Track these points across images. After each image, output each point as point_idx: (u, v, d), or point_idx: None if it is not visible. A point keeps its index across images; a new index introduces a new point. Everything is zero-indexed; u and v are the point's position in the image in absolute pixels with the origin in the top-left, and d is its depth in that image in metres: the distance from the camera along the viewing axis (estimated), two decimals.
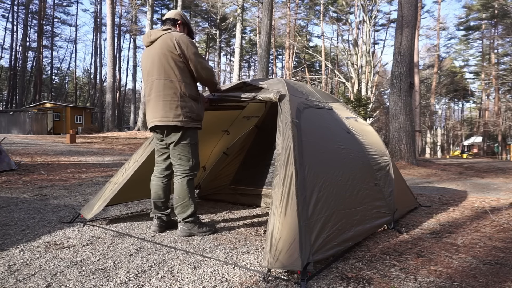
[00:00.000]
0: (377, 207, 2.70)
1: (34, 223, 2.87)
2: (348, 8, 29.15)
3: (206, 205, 3.79)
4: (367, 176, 2.76)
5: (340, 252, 2.15)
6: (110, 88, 24.43)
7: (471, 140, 39.97)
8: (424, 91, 38.84)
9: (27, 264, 1.96)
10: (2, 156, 6.12)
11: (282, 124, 2.28)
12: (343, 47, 29.19)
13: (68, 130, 22.95)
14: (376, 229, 2.70)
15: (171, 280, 1.78)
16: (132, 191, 3.18)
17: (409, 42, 9.73)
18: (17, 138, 15.91)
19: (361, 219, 2.42)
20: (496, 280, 1.85)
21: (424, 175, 8.10)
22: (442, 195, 4.89)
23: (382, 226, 2.80)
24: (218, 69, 43.00)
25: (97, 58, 42.08)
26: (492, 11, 33.01)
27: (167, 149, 2.66)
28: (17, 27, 37.81)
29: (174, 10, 2.77)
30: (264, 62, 13.47)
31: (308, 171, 2.14)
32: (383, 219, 2.75)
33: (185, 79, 2.52)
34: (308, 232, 1.88)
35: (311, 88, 3.18)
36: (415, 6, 9.92)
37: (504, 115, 32.75)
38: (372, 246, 2.41)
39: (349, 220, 2.29)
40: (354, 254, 2.23)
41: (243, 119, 4.06)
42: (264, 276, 1.82)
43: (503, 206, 4.01)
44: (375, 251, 2.29)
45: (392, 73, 10.09)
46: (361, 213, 2.46)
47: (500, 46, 34.33)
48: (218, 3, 25.61)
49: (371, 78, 23.25)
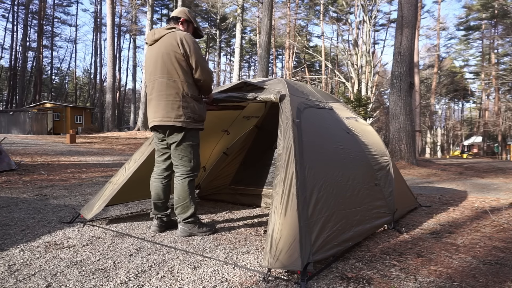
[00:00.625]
0: (377, 207, 2.70)
1: (34, 223, 2.87)
2: (348, 8, 29.16)
3: (206, 205, 3.79)
4: (367, 176, 2.75)
5: (340, 252, 2.15)
6: (110, 88, 24.43)
7: (471, 140, 39.98)
8: (424, 91, 38.84)
9: (27, 264, 1.96)
10: (2, 156, 6.12)
11: (283, 124, 2.28)
12: (343, 47, 29.19)
13: (68, 130, 22.95)
14: (376, 229, 2.70)
15: (171, 280, 1.78)
16: (132, 191, 3.18)
17: (409, 42, 9.73)
18: (17, 138, 15.91)
19: (361, 219, 2.42)
20: (496, 280, 1.85)
21: (424, 175, 8.10)
22: (442, 195, 4.89)
23: (382, 226, 2.80)
24: (218, 69, 43.02)
25: (97, 58, 42.13)
26: (492, 11, 33.01)
27: (167, 149, 2.65)
28: (17, 27, 37.85)
29: (179, 8, 2.74)
30: (264, 62, 13.47)
31: (309, 171, 2.14)
32: (383, 219, 2.75)
33: (188, 79, 2.50)
34: (308, 232, 1.88)
35: (311, 88, 3.18)
36: (415, 6, 9.92)
37: (504, 115, 32.73)
38: (372, 246, 2.41)
39: (349, 220, 2.29)
40: (354, 254, 2.23)
41: (243, 119, 4.06)
42: (264, 276, 1.81)
43: (503, 206, 4.01)
44: (375, 251, 2.29)
45: (392, 73, 10.09)
46: (361, 213, 2.46)
47: (500, 46, 34.35)
48: (218, 3, 25.62)
49: (371, 78, 23.25)
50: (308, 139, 2.34)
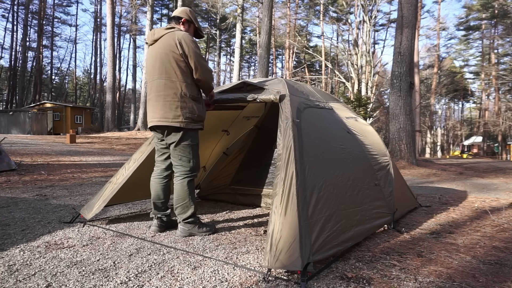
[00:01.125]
0: (377, 207, 2.70)
1: (34, 223, 2.87)
2: (348, 8, 29.16)
3: (206, 205, 3.79)
4: (367, 176, 2.75)
5: (340, 252, 2.15)
6: (110, 88, 24.43)
7: (471, 140, 39.96)
8: (424, 91, 38.84)
9: (27, 264, 1.96)
10: (2, 156, 6.12)
11: (283, 124, 2.28)
12: (343, 47, 29.20)
13: (68, 130, 22.94)
14: (376, 229, 2.70)
15: (171, 280, 1.78)
16: (132, 191, 3.18)
17: (409, 42, 9.73)
18: (17, 138, 15.91)
19: (361, 219, 2.42)
20: (496, 280, 1.85)
21: (424, 175, 8.10)
22: (442, 195, 4.89)
23: (382, 226, 2.80)
24: (218, 69, 43.01)
25: (97, 58, 42.13)
26: (492, 11, 33.01)
27: (167, 149, 2.65)
28: (17, 27, 37.85)
29: (181, 8, 2.73)
30: (264, 62, 13.47)
31: (309, 171, 2.14)
32: (383, 219, 2.75)
33: (186, 80, 2.50)
34: (308, 232, 1.88)
35: (311, 88, 3.18)
36: (415, 6, 9.92)
37: (504, 115, 32.72)
38: (372, 246, 2.41)
39: (350, 220, 2.29)
40: (354, 254, 2.23)
41: (243, 119, 4.06)
42: (264, 276, 1.81)
43: (503, 206, 4.01)
44: (375, 251, 2.29)
45: (392, 73, 10.09)
46: (361, 213, 2.46)
47: (500, 46, 34.34)
48: (218, 3, 25.61)
49: (371, 78, 23.25)
50: (308, 139, 2.34)
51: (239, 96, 2.65)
